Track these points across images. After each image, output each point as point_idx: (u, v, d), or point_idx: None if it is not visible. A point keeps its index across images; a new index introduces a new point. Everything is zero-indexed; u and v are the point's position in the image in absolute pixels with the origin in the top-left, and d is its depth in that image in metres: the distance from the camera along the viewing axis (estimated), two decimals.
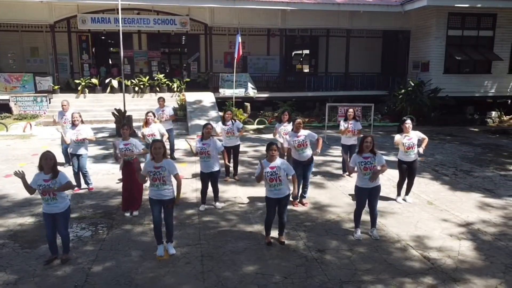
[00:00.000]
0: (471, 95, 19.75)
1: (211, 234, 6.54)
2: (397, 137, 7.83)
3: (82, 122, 8.51)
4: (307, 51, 28.11)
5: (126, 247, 6.03)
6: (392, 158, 11.68)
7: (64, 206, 5.54)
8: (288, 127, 9.19)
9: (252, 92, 19.67)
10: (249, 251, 5.94)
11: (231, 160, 9.53)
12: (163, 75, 19.74)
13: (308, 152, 7.62)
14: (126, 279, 5.18)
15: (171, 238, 5.93)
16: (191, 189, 8.68)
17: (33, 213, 7.36)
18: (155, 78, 19.33)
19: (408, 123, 7.74)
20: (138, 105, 18.11)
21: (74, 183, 7.75)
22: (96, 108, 17.99)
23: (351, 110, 9.71)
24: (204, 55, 21.58)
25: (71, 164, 8.86)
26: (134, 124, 15.64)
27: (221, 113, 17.79)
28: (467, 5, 18.14)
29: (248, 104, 19.11)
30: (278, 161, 5.96)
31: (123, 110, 14.93)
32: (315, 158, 7.89)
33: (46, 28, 19.66)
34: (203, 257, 5.74)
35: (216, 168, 7.54)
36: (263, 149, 12.95)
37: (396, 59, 22.57)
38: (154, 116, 8.85)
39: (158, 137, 8.56)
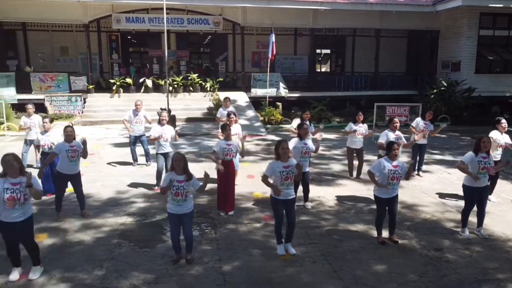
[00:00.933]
0: (502, 94, 19.89)
1: (317, 233, 6.55)
2: (497, 134, 7.87)
3: (168, 122, 8.53)
4: (326, 51, 28.17)
5: (243, 247, 6.03)
6: (448, 157, 11.77)
7: (191, 207, 5.54)
8: (362, 128, 9.26)
9: (283, 91, 19.72)
10: (367, 250, 5.96)
11: None
12: (196, 74, 19.70)
13: None
14: (262, 278, 5.19)
15: (291, 238, 5.93)
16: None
17: (127, 212, 7.34)
18: (189, 78, 19.30)
19: (504, 122, 7.84)
20: (172, 105, 17.98)
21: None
22: (131, 107, 17.78)
23: (430, 112, 9.86)
24: (232, 55, 21.57)
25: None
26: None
27: (257, 113, 17.88)
28: (501, 5, 18.27)
29: (280, 104, 19.15)
30: (399, 160, 6.00)
31: (167, 110, 14.90)
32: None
33: (77, 27, 19.65)
34: (326, 256, 5.76)
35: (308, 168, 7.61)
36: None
37: (422, 58, 22.68)
38: (235, 116, 8.87)
39: (241, 136, 8.56)
